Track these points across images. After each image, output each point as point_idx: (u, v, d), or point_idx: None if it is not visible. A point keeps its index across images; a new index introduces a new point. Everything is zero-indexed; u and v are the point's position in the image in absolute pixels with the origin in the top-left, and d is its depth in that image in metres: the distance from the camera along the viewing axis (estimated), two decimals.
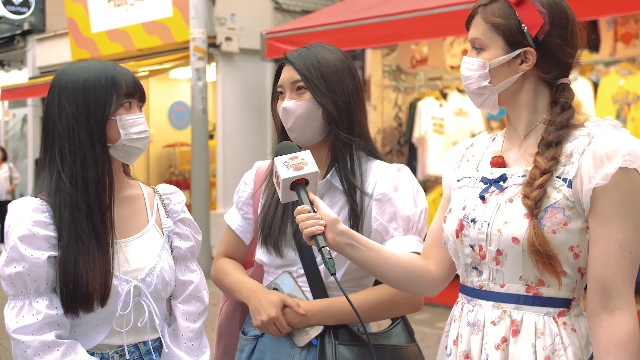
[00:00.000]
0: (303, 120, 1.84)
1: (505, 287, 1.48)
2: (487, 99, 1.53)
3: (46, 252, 1.59)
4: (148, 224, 1.76)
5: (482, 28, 1.50)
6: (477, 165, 1.60)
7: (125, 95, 1.67)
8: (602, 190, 1.38)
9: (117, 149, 1.69)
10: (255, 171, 2.04)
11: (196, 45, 7.73)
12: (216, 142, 9.23)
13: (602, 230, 1.39)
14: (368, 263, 1.59)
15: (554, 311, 1.45)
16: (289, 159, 1.59)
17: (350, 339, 1.82)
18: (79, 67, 1.69)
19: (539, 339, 1.44)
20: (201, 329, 1.81)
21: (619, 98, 6.17)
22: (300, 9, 9.37)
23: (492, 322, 1.48)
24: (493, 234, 1.46)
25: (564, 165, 1.44)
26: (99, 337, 1.66)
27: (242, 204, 2.02)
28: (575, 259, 1.44)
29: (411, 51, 7.69)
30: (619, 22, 6.04)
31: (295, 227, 1.85)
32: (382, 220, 1.82)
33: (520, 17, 1.46)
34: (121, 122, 1.66)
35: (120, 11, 10.13)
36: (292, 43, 6.80)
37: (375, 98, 7.96)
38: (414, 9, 5.86)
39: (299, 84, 1.85)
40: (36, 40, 12.91)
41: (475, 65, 1.51)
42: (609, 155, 1.39)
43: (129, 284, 1.66)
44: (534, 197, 1.42)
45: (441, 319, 5.82)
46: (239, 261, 2.04)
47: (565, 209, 1.42)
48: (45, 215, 1.62)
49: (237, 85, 9.15)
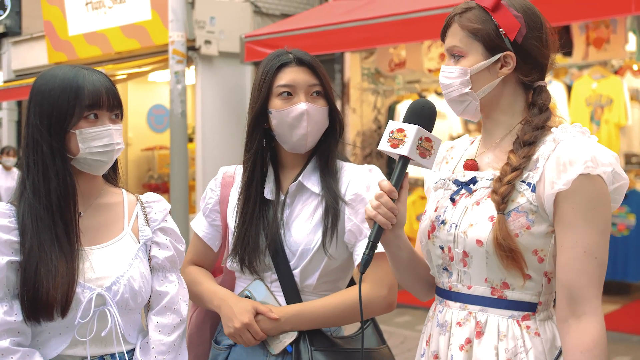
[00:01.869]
0: (319, 126, 1.84)
1: (471, 288, 1.50)
2: (469, 106, 1.53)
3: (6, 257, 1.57)
4: (122, 232, 1.72)
5: (459, 36, 1.51)
6: (454, 167, 1.62)
7: (88, 107, 1.63)
8: (564, 195, 1.40)
9: (80, 162, 1.66)
10: (221, 177, 2.00)
11: (175, 48, 7.71)
12: (195, 145, 9.21)
13: (567, 236, 1.40)
14: (404, 262, 1.58)
15: (518, 314, 1.46)
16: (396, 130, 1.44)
17: (326, 344, 1.81)
18: (52, 74, 1.67)
19: (502, 342, 1.45)
20: (176, 342, 1.73)
21: (592, 101, 6.29)
22: (279, 12, 9.39)
23: (458, 323, 1.50)
24: (459, 236, 1.49)
25: (529, 170, 1.46)
26: (60, 347, 1.61)
27: (210, 210, 1.98)
28: (539, 263, 1.45)
29: (389, 54, 7.76)
30: (590, 27, 6.15)
31: (269, 241, 1.81)
32: (356, 220, 1.82)
33: (498, 22, 1.48)
34: (81, 135, 1.63)
35: (99, 14, 10.05)
36: (272, 46, 6.82)
37: (355, 101, 8.01)
38: (392, 13, 5.92)
39: (317, 88, 1.84)
40: (12, 43, 12.74)
41: (456, 73, 1.51)
42: (571, 161, 1.40)
43: (91, 292, 1.61)
44: (502, 192, 1.43)
45: (421, 322, 5.84)
46: (207, 268, 2.01)
47: (528, 212, 1.44)
48: (10, 220, 1.60)
49: (216, 88, 9.13)
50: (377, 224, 1.45)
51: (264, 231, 1.84)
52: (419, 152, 1.42)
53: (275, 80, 1.84)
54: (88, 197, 1.71)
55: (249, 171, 1.89)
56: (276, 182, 1.90)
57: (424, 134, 1.44)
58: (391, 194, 1.45)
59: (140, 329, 1.74)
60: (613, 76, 6.29)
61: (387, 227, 1.46)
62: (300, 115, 1.81)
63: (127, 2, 9.56)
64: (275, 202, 1.87)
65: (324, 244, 1.80)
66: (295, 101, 1.82)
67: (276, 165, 1.92)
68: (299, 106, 1.81)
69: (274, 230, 1.83)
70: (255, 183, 1.88)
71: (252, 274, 1.87)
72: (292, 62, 1.84)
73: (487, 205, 1.48)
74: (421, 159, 1.43)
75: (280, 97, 1.83)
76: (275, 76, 1.84)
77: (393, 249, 1.55)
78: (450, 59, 1.54)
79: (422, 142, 1.42)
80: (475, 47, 1.50)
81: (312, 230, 1.82)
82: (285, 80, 1.83)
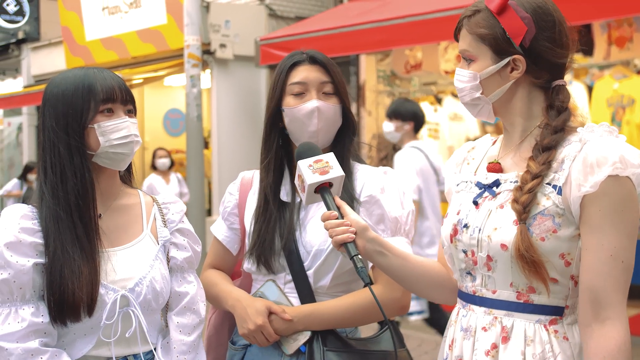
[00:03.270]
0: (330, 123, 1.85)
1: (496, 293, 1.47)
2: (482, 109, 1.52)
3: (32, 259, 1.58)
4: (142, 233, 1.74)
5: (468, 40, 1.49)
6: (476, 169, 1.59)
7: (103, 101, 1.65)
8: (592, 198, 1.36)
9: (101, 157, 1.67)
10: (240, 181, 2.03)
11: (190, 52, 7.72)
12: (211, 148, 9.22)
13: (593, 239, 1.37)
14: (396, 270, 1.58)
15: (545, 319, 1.44)
16: (313, 162, 1.56)
17: (339, 345, 1.81)
18: (63, 77, 1.70)
19: (529, 347, 1.42)
20: (196, 342, 1.76)
21: (613, 101, 6.18)
22: (294, 15, 9.38)
23: (483, 327, 1.47)
24: (483, 240, 1.46)
25: (555, 172, 1.42)
26: (86, 347, 1.64)
27: (228, 214, 2.01)
28: (566, 267, 1.42)
29: (405, 56, 7.70)
30: (612, 26, 6.05)
31: (284, 242, 1.84)
32: (370, 222, 1.81)
33: (504, 26, 1.45)
34: (100, 128, 1.64)
35: (115, 19, 10.12)
36: (287, 49, 6.80)
37: (370, 103, 7.97)
38: (407, 14, 5.87)
39: (328, 86, 1.85)
40: (31, 48, 12.90)
41: (467, 77, 1.50)
42: (599, 162, 1.37)
43: (116, 294, 1.63)
44: (523, 201, 1.41)
45: None
46: (226, 272, 2.03)
47: (554, 216, 1.40)
48: (34, 222, 1.62)
49: (231, 91, 9.15)
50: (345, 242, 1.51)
51: (280, 232, 1.86)
52: (319, 172, 1.56)
53: (288, 78, 1.87)
54: (107, 197, 1.73)
55: (266, 173, 1.92)
56: (293, 183, 1.92)
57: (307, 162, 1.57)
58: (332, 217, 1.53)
59: (160, 329, 1.77)
60: (636, 76, 6.17)
61: (350, 240, 1.51)
62: (311, 112, 1.82)
63: (143, 7, 9.61)
64: (292, 204, 1.89)
65: None
66: (307, 98, 1.84)
67: (292, 166, 1.93)
68: (310, 103, 1.83)
69: (290, 232, 1.85)
70: (272, 185, 1.90)
71: (268, 273, 1.88)
72: (305, 61, 1.87)
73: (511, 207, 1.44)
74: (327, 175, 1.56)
75: (293, 94, 1.85)
76: (288, 74, 1.87)
77: (376, 257, 1.55)
78: (464, 62, 1.53)
79: (312, 166, 1.57)
80: (484, 51, 1.48)
81: None
82: (298, 78, 1.85)
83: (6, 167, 14.87)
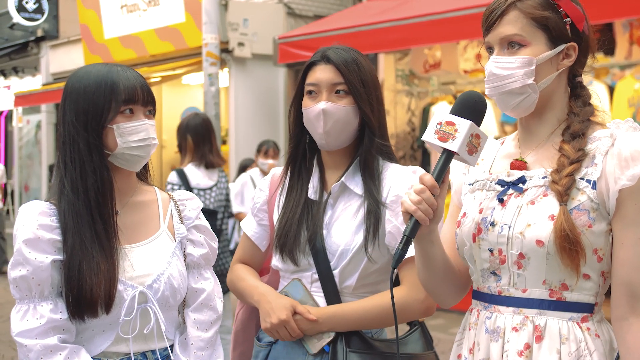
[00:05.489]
0: (341, 124, 1.83)
1: (527, 292, 1.45)
2: (526, 99, 1.44)
3: (50, 256, 1.58)
4: (159, 230, 1.75)
5: (521, 23, 1.42)
6: (490, 168, 1.57)
7: (124, 102, 1.63)
8: (629, 191, 1.36)
9: (117, 157, 1.67)
10: (270, 177, 2.03)
11: (209, 50, 7.75)
12: (229, 147, 9.24)
13: (629, 232, 1.37)
14: (437, 261, 1.51)
15: (578, 316, 1.42)
16: (446, 121, 1.37)
17: (363, 346, 1.80)
18: (85, 71, 1.68)
19: (564, 345, 1.41)
20: (213, 338, 1.77)
21: (634, 102, 6.10)
22: (312, 13, 9.37)
23: (514, 328, 1.45)
24: (515, 237, 1.43)
25: (586, 167, 1.41)
26: (104, 344, 1.64)
27: (258, 210, 2.01)
28: (599, 262, 1.41)
29: (424, 55, 7.66)
30: (634, 25, 5.98)
31: (310, 234, 1.83)
32: (397, 222, 1.80)
33: (566, 11, 1.41)
34: (119, 130, 1.63)
35: (133, 17, 10.18)
36: (305, 48, 6.80)
37: (389, 103, 7.93)
38: (426, 13, 5.83)
39: (340, 87, 1.83)
40: (49, 46, 13.01)
41: (518, 63, 1.42)
42: (634, 156, 1.36)
43: (134, 290, 1.64)
44: (564, 183, 1.38)
45: (455, 325, 5.76)
46: (255, 268, 2.04)
47: (589, 210, 1.39)
48: (52, 219, 1.62)
49: (249, 90, 9.16)
50: (415, 219, 1.37)
51: (307, 226, 1.86)
52: (467, 149, 1.36)
53: (306, 79, 1.88)
54: (124, 194, 1.73)
55: (292, 169, 1.93)
56: (321, 182, 1.92)
57: (475, 130, 1.37)
58: (433, 189, 1.37)
59: (177, 326, 1.77)
60: None
61: (425, 223, 1.38)
62: (317, 115, 1.82)
63: (161, 5, 9.65)
64: (319, 202, 1.89)
65: (366, 245, 1.79)
66: (318, 100, 1.84)
67: (322, 166, 1.94)
68: (317, 105, 1.83)
69: (315, 228, 1.85)
70: (299, 182, 1.91)
71: (294, 265, 1.87)
72: (321, 61, 1.86)
73: (545, 204, 1.42)
74: (468, 156, 1.37)
75: (308, 95, 1.87)
76: (305, 75, 1.88)
77: (426, 244, 1.48)
78: (504, 49, 1.45)
79: (472, 138, 1.35)
80: (539, 37, 1.42)
81: (354, 231, 1.83)
82: (311, 79, 1.86)
83: (25, 164, 15.02)
